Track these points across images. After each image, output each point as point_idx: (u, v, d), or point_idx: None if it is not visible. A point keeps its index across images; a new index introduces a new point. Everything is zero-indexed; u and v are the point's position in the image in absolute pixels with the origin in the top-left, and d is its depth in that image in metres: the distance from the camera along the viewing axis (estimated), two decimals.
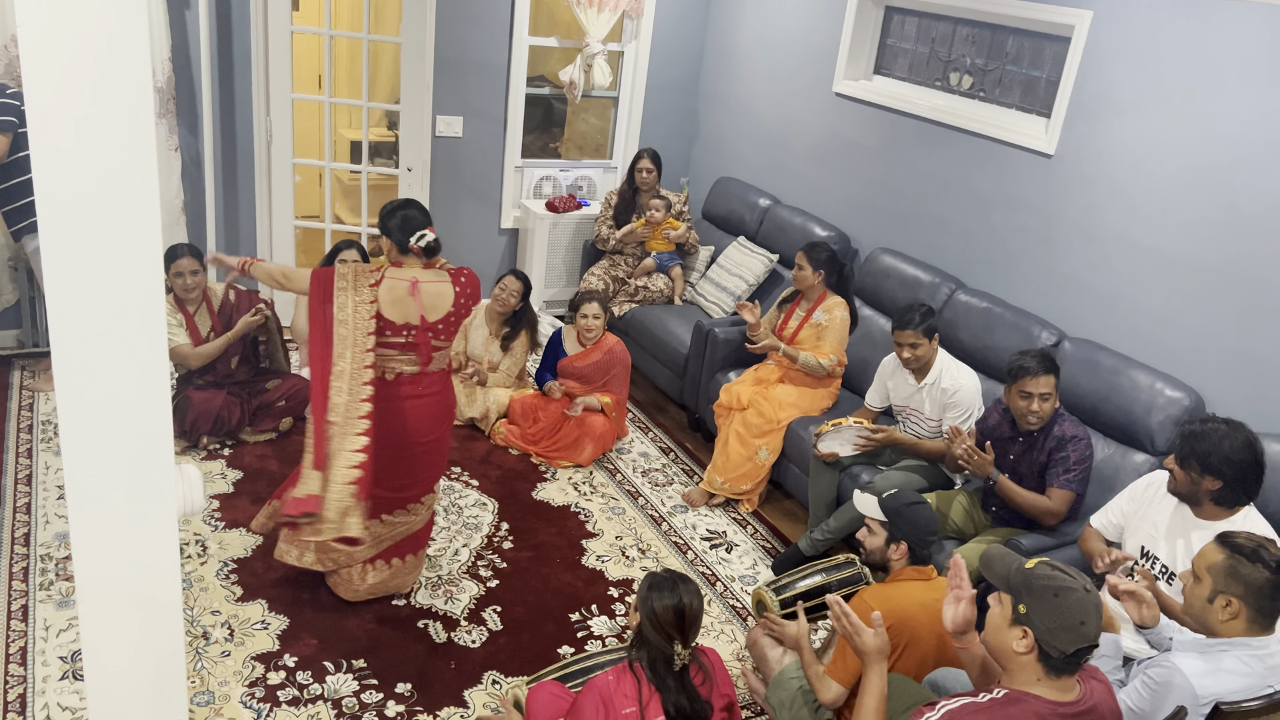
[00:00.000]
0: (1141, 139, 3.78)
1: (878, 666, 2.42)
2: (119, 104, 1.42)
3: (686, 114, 6.39)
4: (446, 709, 3.16)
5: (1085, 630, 1.99)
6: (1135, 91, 3.79)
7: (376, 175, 5.95)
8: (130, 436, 1.55)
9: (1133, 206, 3.83)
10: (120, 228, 1.44)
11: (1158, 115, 3.71)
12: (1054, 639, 2.00)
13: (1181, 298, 3.68)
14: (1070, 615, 1.99)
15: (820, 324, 4.46)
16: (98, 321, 1.47)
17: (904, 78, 5.01)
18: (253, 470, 4.31)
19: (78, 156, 1.41)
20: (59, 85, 1.39)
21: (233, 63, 5.25)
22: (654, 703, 2.60)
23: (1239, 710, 2.15)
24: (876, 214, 5.04)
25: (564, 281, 6.18)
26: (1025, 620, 2.04)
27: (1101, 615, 2.03)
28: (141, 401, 1.53)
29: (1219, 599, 2.32)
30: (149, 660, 1.75)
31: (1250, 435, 2.77)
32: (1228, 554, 2.33)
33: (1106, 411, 3.70)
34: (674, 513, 4.40)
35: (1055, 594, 2.02)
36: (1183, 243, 3.66)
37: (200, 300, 4.44)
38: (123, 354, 1.48)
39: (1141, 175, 3.79)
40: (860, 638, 2.46)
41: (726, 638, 3.64)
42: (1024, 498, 3.45)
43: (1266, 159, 3.38)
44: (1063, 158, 4.08)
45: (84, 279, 1.44)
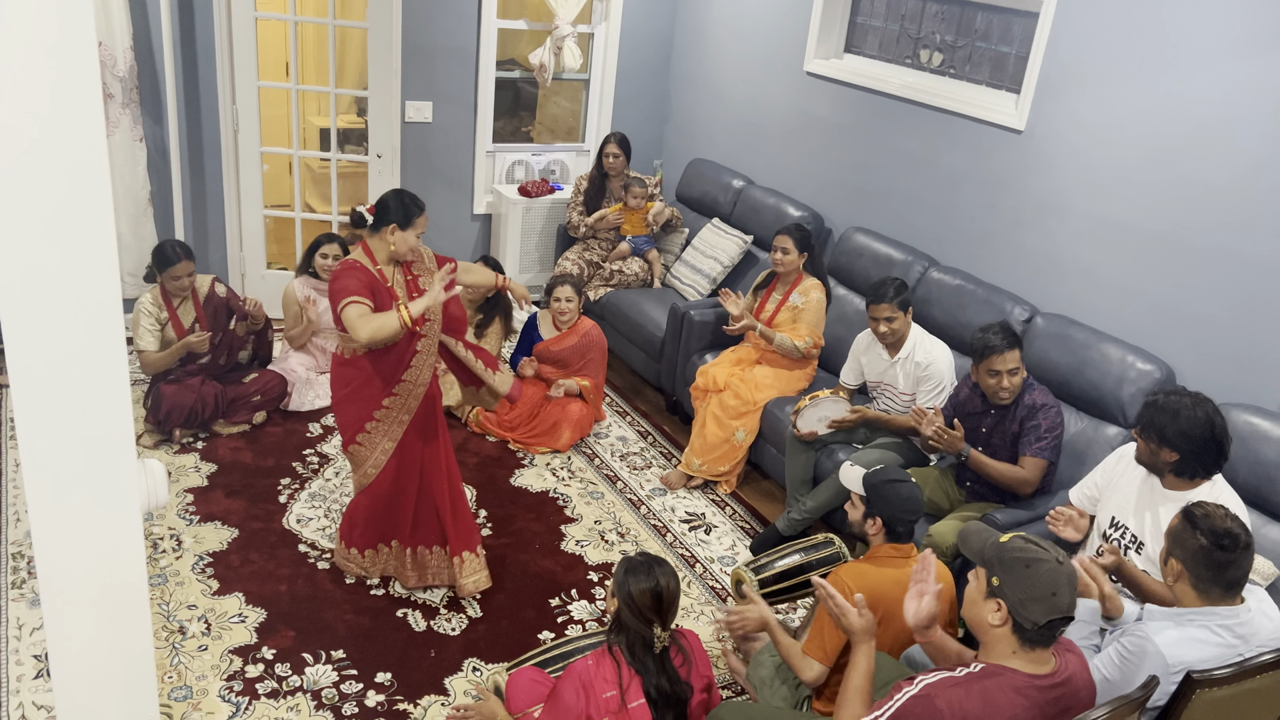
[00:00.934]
0: (1110, 114, 3.79)
1: (865, 646, 2.42)
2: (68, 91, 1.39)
3: (658, 96, 6.36)
4: (427, 697, 3.15)
5: (1057, 601, 2.01)
6: (1103, 66, 3.80)
7: (347, 163, 5.89)
8: (90, 432, 1.52)
9: (1102, 181, 3.85)
10: (74, 220, 1.41)
11: (1125, 90, 3.72)
12: (1026, 610, 2.02)
13: (1151, 271, 3.70)
14: (1041, 586, 2.01)
15: (797, 306, 4.46)
16: (53, 316, 1.44)
17: (874, 55, 5.00)
18: (226, 463, 4.28)
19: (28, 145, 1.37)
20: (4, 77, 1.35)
21: (196, 50, 5.17)
22: (634, 685, 2.61)
23: (1210, 678, 2.17)
24: (849, 193, 5.04)
25: (538, 267, 6.15)
26: (998, 593, 2.06)
27: (1075, 587, 2.05)
28: (100, 396, 1.50)
29: (1170, 561, 2.38)
30: (117, 656, 1.73)
31: (1211, 410, 2.78)
32: (1180, 519, 2.39)
33: (1078, 385, 3.73)
34: (652, 496, 4.40)
35: (1027, 565, 2.04)
36: (1152, 217, 3.68)
37: (186, 295, 4.41)
38: (79, 349, 1.45)
39: (1110, 150, 3.80)
40: (847, 618, 2.46)
41: (706, 619, 3.65)
42: (997, 470, 3.48)
43: (1233, 132, 3.40)
44: (1032, 134, 4.09)
45: (38, 272, 1.41)
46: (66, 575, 1.61)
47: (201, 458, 4.30)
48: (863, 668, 2.40)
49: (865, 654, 2.41)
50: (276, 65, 6.94)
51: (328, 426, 4.65)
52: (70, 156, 1.38)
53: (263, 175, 5.56)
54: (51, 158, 1.38)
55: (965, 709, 1.99)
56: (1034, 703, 2.04)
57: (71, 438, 1.52)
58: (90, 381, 1.49)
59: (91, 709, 1.75)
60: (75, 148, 1.38)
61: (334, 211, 5.73)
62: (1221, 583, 2.29)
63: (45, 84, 1.38)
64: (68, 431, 1.51)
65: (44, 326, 1.45)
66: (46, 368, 1.47)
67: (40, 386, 1.48)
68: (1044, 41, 3.99)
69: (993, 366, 3.43)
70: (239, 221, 5.59)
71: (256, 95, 5.33)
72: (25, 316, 1.42)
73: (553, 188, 6.08)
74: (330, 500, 4.10)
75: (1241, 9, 3.33)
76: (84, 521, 1.58)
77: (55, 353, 1.46)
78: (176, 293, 4.34)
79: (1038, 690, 2.05)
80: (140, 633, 1.74)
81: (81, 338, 1.47)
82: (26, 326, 1.43)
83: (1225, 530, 2.29)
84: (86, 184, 1.39)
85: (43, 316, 1.45)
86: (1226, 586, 2.30)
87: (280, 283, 5.55)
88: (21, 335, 1.44)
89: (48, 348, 1.46)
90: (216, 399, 4.43)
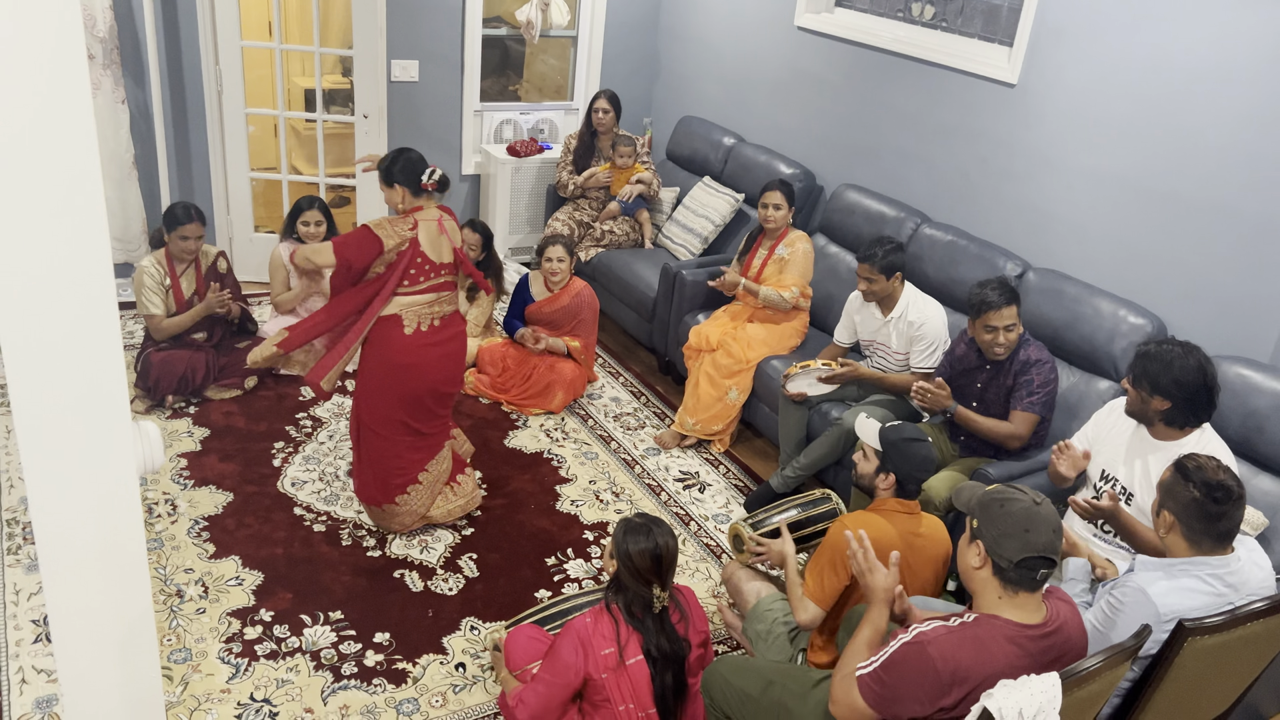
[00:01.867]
0: (1102, 66, 3.76)
1: (881, 608, 2.39)
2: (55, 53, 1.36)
3: (647, 53, 6.29)
4: (426, 656, 3.18)
5: (1030, 538, 2.03)
6: (1096, 18, 3.76)
7: (333, 124, 5.82)
8: (84, 395, 1.51)
9: (1094, 135, 3.83)
10: (63, 183, 1.38)
11: (1118, 42, 3.69)
12: (1000, 548, 2.04)
13: (1142, 225, 3.70)
14: (1014, 522, 2.04)
15: (783, 258, 4.45)
16: (45, 280, 1.42)
17: (865, 9, 4.94)
18: (219, 427, 4.27)
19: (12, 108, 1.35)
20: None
21: (177, 9, 5.08)
22: (632, 642, 2.63)
23: (1201, 626, 2.20)
24: (841, 149, 5.00)
25: (528, 228, 6.11)
26: (977, 534, 2.10)
27: (1054, 529, 2.06)
28: (93, 358, 1.49)
29: (1162, 513, 2.40)
30: (117, 619, 1.74)
31: (1202, 358, 2.80)
32: (1172, 471, 2.41)
33: (1070, 339, 3.74)
34: (646, 455, 4.41)
35: (1001, 505, 2.08)
36: (1142, 170, 3.67)
37: (191, 261, 4.39)
38: (72, 313, 1.44)
39: (1103, 103, 3.78)
40: (874, 575, 2.43)
41: (702, 575, 3.68)
42: (984, 425, 3.50)
43: (1225, 84, 3.37)
44: (1025, 87, 4.06)
45: (28, 237, 1.39)
46: (65, 540, 1.60)
47: (194, 423, 4.29)
48: (877, 625, 2.36)
49: (880, 614, 2.36)
50: (259, 25, 6.83)
51: None
52: (56, 119, 1.35)
53: (248, 137, 5.49)
54: (37, 121, 1.36)
55: (958, 656, 2.02)
56: (1026, 651, 2.06)
57: (66, 402, 1.51)
58: (83, 345, 1.48)
59: (93, 671, 1.76)
60: (61, 109, 1.35)
61: (321, 173, 5.67)
62: (1213, 534, 2.32)
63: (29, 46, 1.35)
64: (62, 396, 1.50)
65: (35, 291, 1.44)
66: (39, 332, 1.45)
67: (34, 351, 1.47)
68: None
69: (989, 322, 3.43)
70: (225, 184, 5.53)
71: (240, 55, 5.25)
72: (16, 280, 1.41)
73: (542, 147, 6.03)
74: (324, 463, 4.10)
75: None
76: (81, 485, 1.57)
77: (47, 317, 1.45)
78: (182, 255, 4.33)
79: (1029, 639, 2.07)
80: (140, 595, 1.75)
81: (74, 301, 1.46)
82: (18, 291, 1.42)
83: (1218, 482, 2.30)
84: (73, 146, 1.36)
85: (34, 280, 1.43)
86: (1218, 537, 2.32)
87: (268, 246, 5.51)
88: (13, 299, 1.42)
89: (40, 312, 1.44)
90: (208, 364, 4.41)
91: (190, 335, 4.45)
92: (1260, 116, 3.29)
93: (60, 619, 1.68)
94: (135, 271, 4.37)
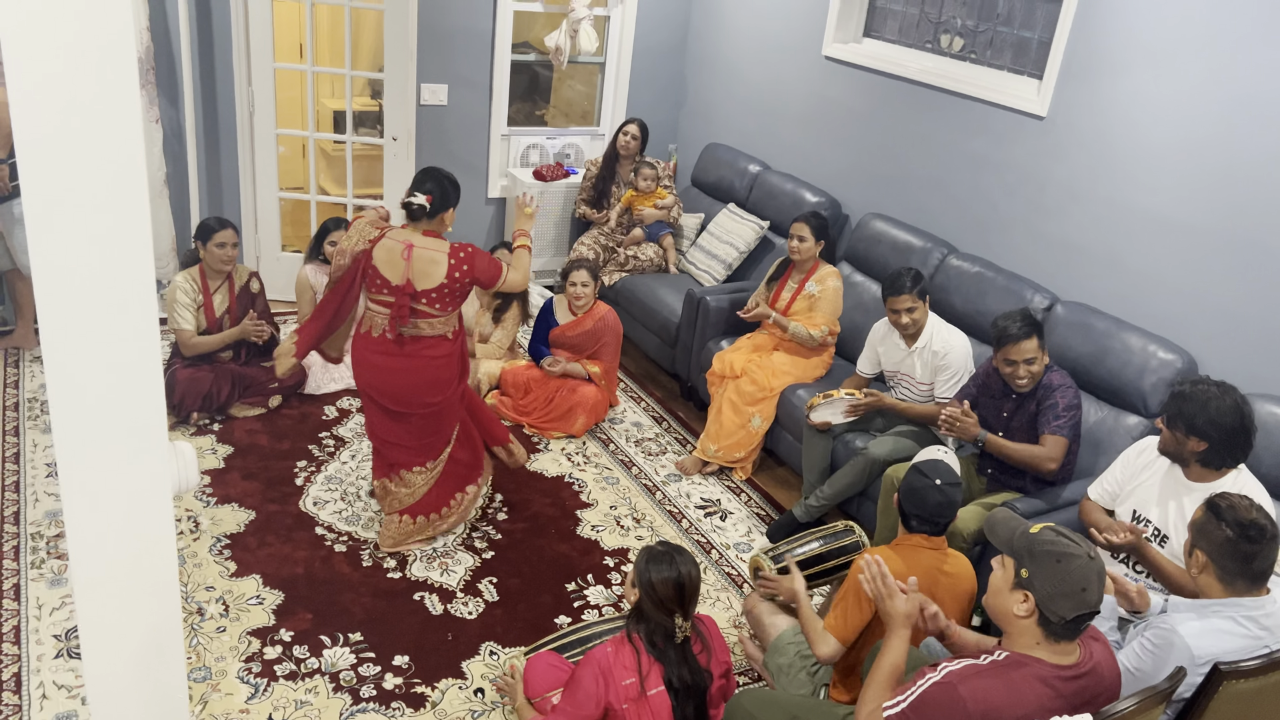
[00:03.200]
0: (1133, 100, 3.75)
1: (902, 632, 2.37)
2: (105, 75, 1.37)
3: (674, 79, 6.32)
4: (444, 680, 3.16)
5: (1086, 597, 1.99)
6: (1127, 52, 3.75)
7: (361, 145, 5.87)
8: (123, 413, 1.52)
9: (1125, 168, 3.81)
10: (108, 201, 1.40)
11: (1149, 76, 3.68)
12: (1054, 604, 2.00)
13: (1173, 260, 3.67)
14: (1072, 582, 1.99)
15: (813, 295, 4.44)
16: (88, 298, 1.43)
17: (894, 40, 4.95)
18: (243, 445, 4.28)
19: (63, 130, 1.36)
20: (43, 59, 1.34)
21: (212, 31, 5.15)
22: (653, 673, 2.61)
23: (1237, 670, 2.16)
24: (867, 179, 5.00)
25: (553, 251, 6.14)
26: (1027, 584, 2.04)
27: (1104, 582, 2.03)
28: (134, 377, 1.50)
29: (1194, 553, 2.36)
30: (146, 637, 1.73)
31: (1239, 399, 2.76)
32: (1204, 510, 2.38)
33: (1099, 374, 3.70)
34: (668, 481, 4.39)
35: (1058, 560, 2.02)
36: (1174, 204, 3.65)
37: (225, 279, 4.43)
38: (114, 330, 1.45)
39: (1133, 136, 3.77)
40: (893, 600, 2.41)
41: (723, 605, 3.65)
42: (1017, 451, 3.45)
43: (1258, 119, 3.35)
44: (1055, 120, 4.05)
45: (73, 254, 1.40)
46: (98, 556, 1.61)
47: (218, 440, 4.31)
48: (897, 651, 2.34)
49: (900, 640, 2.36)
50: (290, 47, 6.92)
51: (343, 409, 4.66)
52: (106, 140, 1.37)
53: (278, 157, 5.54)
54: (87, 142, 1.37)
55: (989, 698, 1.98)
56: (1059, 693, 2.03)
57: (105, 419, 1.52)
58: (124, 363, 1.49)
59: (121, 686, 1.76)
60: (111, 131, 1.37)
61: (349, 194, 5.72)
62: (1248, 574, 2.28)
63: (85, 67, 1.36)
64: (101, 413, 1.51)
65: (79, 307, 1.45)
66: (81, 349, 1.46)
67: (75, 368, 1.48)
68: (1068, 26, 3.95)
69: (1009, 356, 3.41)
70: (254, 204, 5.58)
71: (273, 77, 5.32)
72: (61, 298, 1.42)
73: (567, 171, 6.06)
74: (346, 483, 4.10)
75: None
76: (116, 502, 1.57)
77: (89, 334, 1.45)
78: (219, 266, 4.39)
79: (1062, 681, 2.04)
80: (170, 613, 1.74)
81: (115, 319, 1.47)
82: (62, 307, 1.43)
83: (1251, 521, 2.27)
84: (122, 168, 1.37)
85: (78, 298, 1.44)
86: (1252, 578, 2.29)
87: (294, 265, 5.55)
88: (57, 316, 1.43)
89: (82, 329, 1.45)
90: (233, 382, 4.43)
91: (217, 353, 4.48)
92: None
93: (91, 635, 1.68)
94: (168, 287, 4.42)
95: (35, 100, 1.36)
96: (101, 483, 1.56)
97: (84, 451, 1.52)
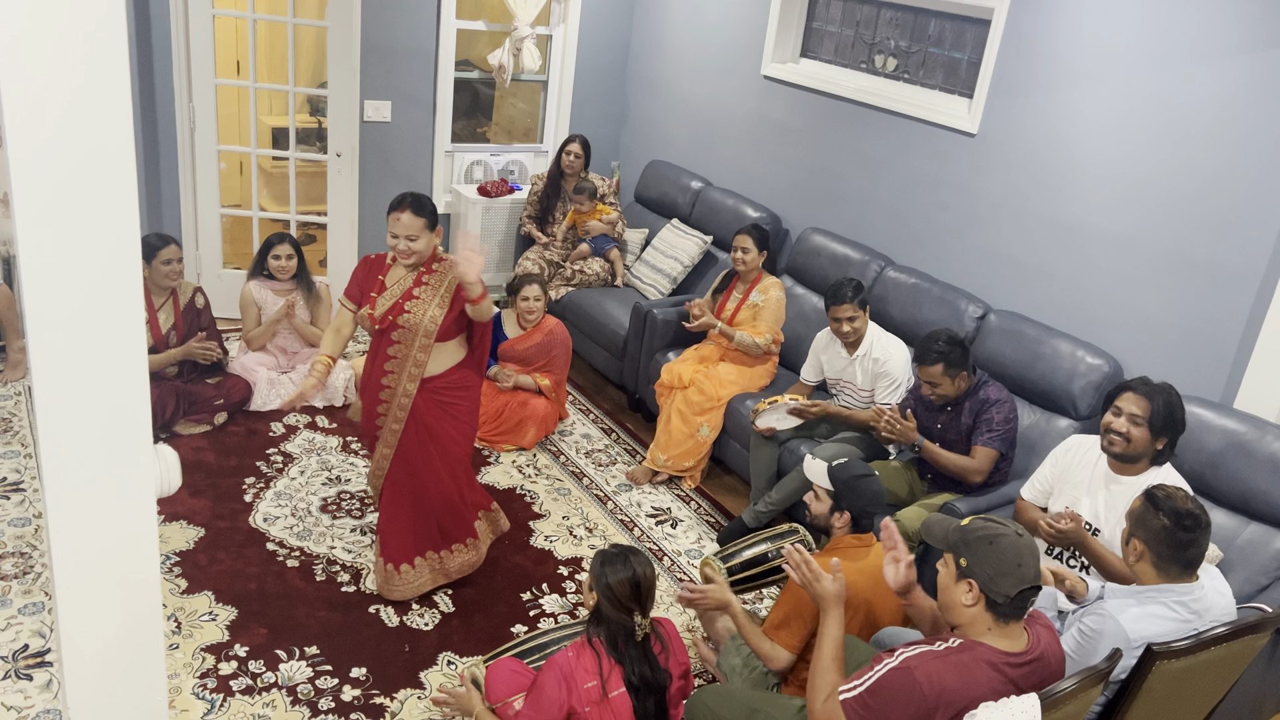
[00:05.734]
0: (1060, 117, 3.94)
1: (835, 612, 2.47)
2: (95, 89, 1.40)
3: (616, 98, 6.42)
4: (403, 691, 3.17)
5: (1023, 571, 2.11)
6: (1053, 72, 3.95)
7: (302, 162, 5.85)
8: (108, 416, 1.53)
9: (1052, 183, 4.00)
10: (96, 210, 1.42)
11: (1074, 95, 3.88)
12: (996, 585, 2.11)
13: (1099, 269, 3.86)
14: (1007, 559, 2.11)
15: (757, 305, 4.55)
16: (75, 301, 1.45)
17: (830, 60, 5.12)
18: (189, 463, 4.23)
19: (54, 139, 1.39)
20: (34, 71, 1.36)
21: (151, 46, 5.10)
22: (614, 675, 2.65)
23: (1169, 650, 2.29)
24: (806, 194, 5.15)
25: (497, 266, 6.17)
26: (968, 573, 2.16)
27: (1037, 556, 2.15)
28: (119, 381, 1.51)
29: (1131, 542, 2.50)
30: (127, 638, 1.74)
31: (1179, 397, 2.99)
32: (1142, 500, 2.52)
33: (1031, 379, 3.87)
34: (619, 491, 4.45)
35: (990, 542, 2.14)
36: (1100, 217, 3.84)
37: (169, 295, 4.38)
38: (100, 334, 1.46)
39: (1060, 152, 3.96)
40: (819, 584, 2.52)
41: (676, 610, 3.72)
42: (948, 459, 3.62)
43: (1175, 136, 3.56)
44: (985, 136, 4.24)
45: (61, 262, 1.42)
46: (82, 560, 1.61)
47: None
48: (833, 634, 2.43)
49: (835, 620, 2.46)
50: (227, 63, 6.86)
51: (290, 426, 4.63)
52: (93, 143, 1.40)
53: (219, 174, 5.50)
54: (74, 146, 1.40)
55: (943, 682, 2.08)
56: (1009, 678, 2.13)
57: (90, 422, 1.53)
58: (110, 367, 1.50)
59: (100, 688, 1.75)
60: (99, 135, 1.39)
61: (292, 211, 5.69)
62: (1181, 561, 2.42)
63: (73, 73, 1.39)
64: (87, 416, 1.52)
65: (66, 309, 1.46)
66: (68, 352, 1.48)
67: (61, 371, 1.49)
68: (995, 48, 4.14)
69: (921, 376, 3.64)
70: (195, 221, 5.52)
71: (214, 93, 5.28)
72: (48, 301, 1.43)
73: (512, 188, 6.11)
74: (296, 499, 4.09)
75: (1181, 18, 3.50)
76: (100, 506, 1.58)
77: (76, 337, 1.47)
78: (163, 283, 4.34)
79: (1011, 666, 2.14)
80: (151, 616, 1.75)
81: (102, 322, 1.48)
82: (49, 310, 1.44)
83: (1187, 511, 2.42)
84: (110, 170, 1.40)
85: (65, 300, 1.46)
86: (1185, 565, 2.43)
87: (236, 282, 5.50)
88: (44, 318, 1.44)
89: (71, 334, 1.47)
90: (178, 399, 4.38)
91: (161, 371, 4.42)
92: (1208, 167, 3.47)
93: (71, 636, 1.68)
94: None
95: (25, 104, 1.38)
96: (87, 486, 1.57)
97: (70, 455, 1.53)
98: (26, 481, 3.97)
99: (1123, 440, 2.95)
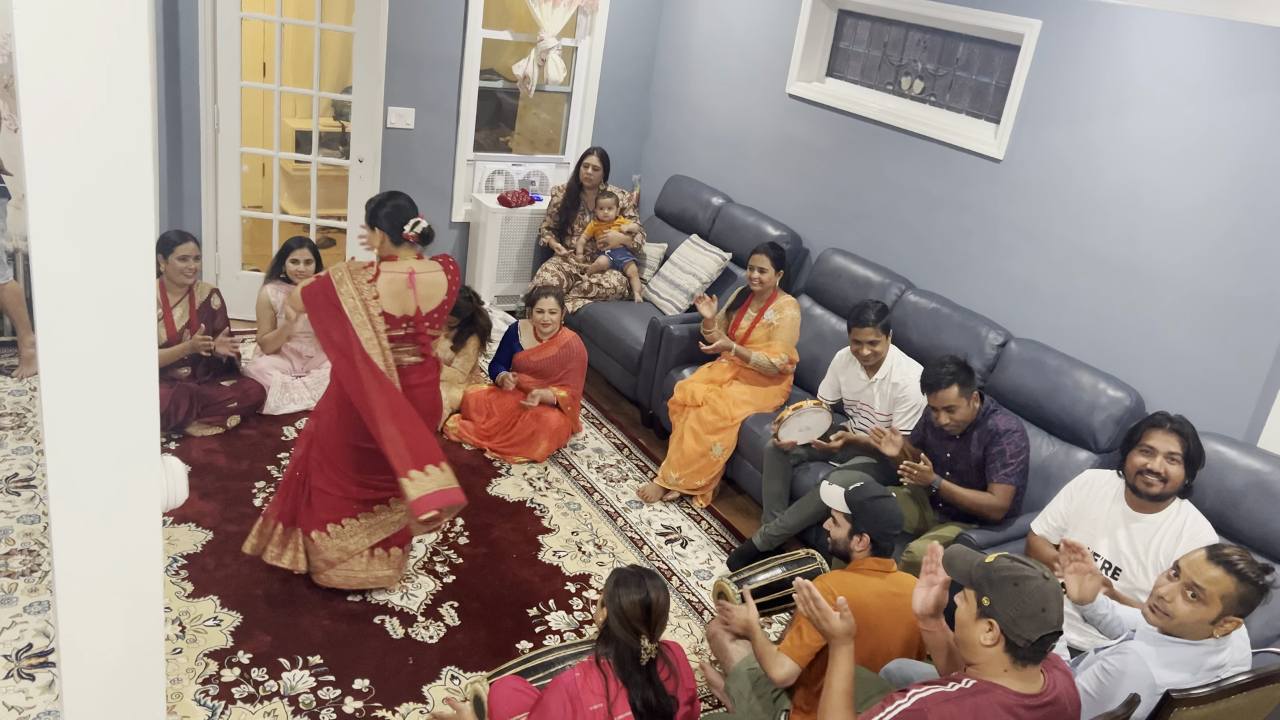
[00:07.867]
0: (1087, 146, 3.90)
1: (845, 648, 2.47)
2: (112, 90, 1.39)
3: (639, 111, 6.41)
4: (405, 704, 3.14)
5: (1047, 616, 2.06)
6: (1081, 100, 3.91)
7: (324, 166, 5.86)
8: (115, 426, 1.52)
9: (1077, 212, 3.95)
10: (110, 211, 1.40)
11: (1102, 123, 3.84)
12: (1018, 627, 2.06)
13: (1123, 300, 3.81)
14: (1032, 603, 2.06)
15: (772, 324, 4.52)
16: (85, 310, 1.43)
17: (856, 80, 5.09)
18: (200, 464, 4.22)
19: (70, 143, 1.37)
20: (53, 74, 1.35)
21: (179, 47, 5.12)
22: (621, 698, 2.62)
23: (1188, 697, 2.24)
24: (827, 214, 5.11)
25: (515, 276, 6.16)
26: (990, 612, 2.10)
27: (1062, 602, 2.10)
28: (128, 392, 1.50)
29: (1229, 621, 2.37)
30: (128, 649, 1.72)
31: None
32: (1236, 582, 2.35)
33: (1051, 410, 3.82)
34: (629, 508, 4.42)
35: (1015, 583, 2.09)
36: (1125, 247, 3.79)
37: (185, 293, 4.39)
38: (110, 344, 1.45)
39: (1086, 181, 3.91)
40: (828, 622, 2.51)
41: (684, 631, 3.68)
42: (968, 498, 3.55)
43: (1204, 169, 3.51)
44: (1011, 163, 4.20)
45: (73, 266, 1.41)
46: (85, 570, 1.59)
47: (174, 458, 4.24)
48: (844, 669, 2.43)
49: (845, 656, 2.45)
50: (253, 66, 6.89)
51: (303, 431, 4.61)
52: (109, 155, 1.38)
53: (241, 176, 5.51)
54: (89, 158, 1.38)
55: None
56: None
57: (98, 432, 1.51)
58: (119, 377, 1.49)
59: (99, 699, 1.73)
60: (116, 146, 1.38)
61: (312, 214, 5.70)
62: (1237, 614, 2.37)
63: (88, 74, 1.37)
64: (95, 425, 1.50)
65: (76, 320, 1.44)
66: (77, 362, 1.46)
67: (70, 381, 1.47)
68: (1024, 74, 4.10)
69: (931, 402, 3.57)
70: (215, 222, 5.53)
71: (239, 95, 5.29)
72: (59, 311, 1.42)
73: (532, 198, 6.10)
74: None
75: (1215, 52, 3.46)
76: (106, 515, 1.56)
77: (86, 347, 1.45)
78: (180, 279, 4.34)
79: (1026, 709, 2.09)
80: (153, 627, 1.73)
81: (112, 332, 1.47)
82: (59, 320, 1.43)
83: (1264, 564, 2.38)
84: (126, 175, 1.39)
85: (75, 311, 1.44)
86: None
87: (254, 284, 5.51)
88: (54, 329, 1.43)
89: (80, 341, 1.45)
90: (191, 401, 4.38)
91: (174, 370, 4.42)
92: (1238, 202, 3.42)
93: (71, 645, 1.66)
94: None
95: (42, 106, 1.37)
96: (92, 495, 1.55)
97: (76, 463, 1.51)
98: (38, 478, 3.97)
99: (1160, 481, 2.90)
